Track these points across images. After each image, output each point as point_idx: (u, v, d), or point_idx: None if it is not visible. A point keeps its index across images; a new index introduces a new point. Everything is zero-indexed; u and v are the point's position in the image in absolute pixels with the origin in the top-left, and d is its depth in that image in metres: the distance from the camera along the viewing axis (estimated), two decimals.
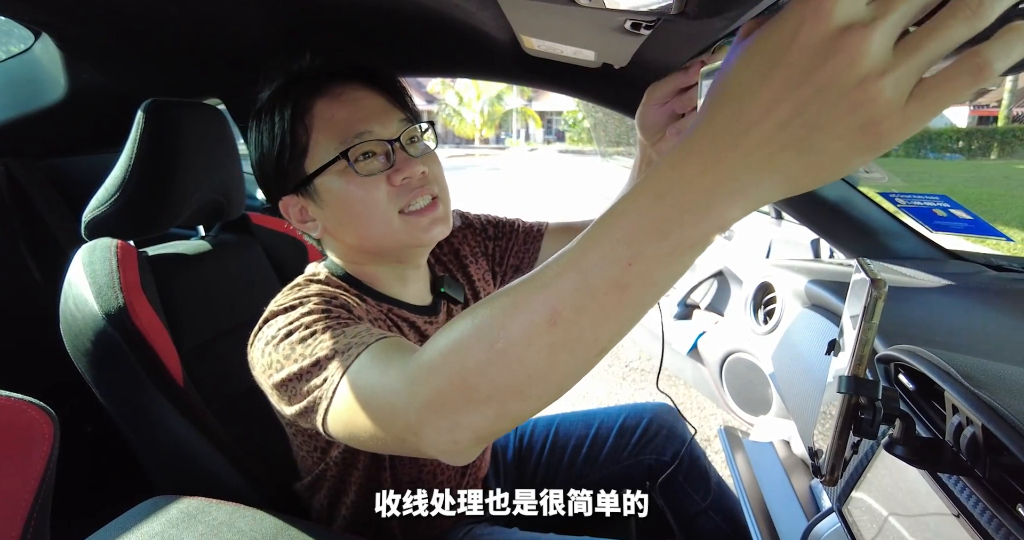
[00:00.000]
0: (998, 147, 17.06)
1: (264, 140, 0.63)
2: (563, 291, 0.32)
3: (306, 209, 0.64)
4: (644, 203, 0.29)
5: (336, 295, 0.59)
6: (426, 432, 0.39)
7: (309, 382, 0.50)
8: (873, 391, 0.46)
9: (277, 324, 0.55)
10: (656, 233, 0.28)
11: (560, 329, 0.32)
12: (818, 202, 1.11)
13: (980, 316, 0.79)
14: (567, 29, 0.81)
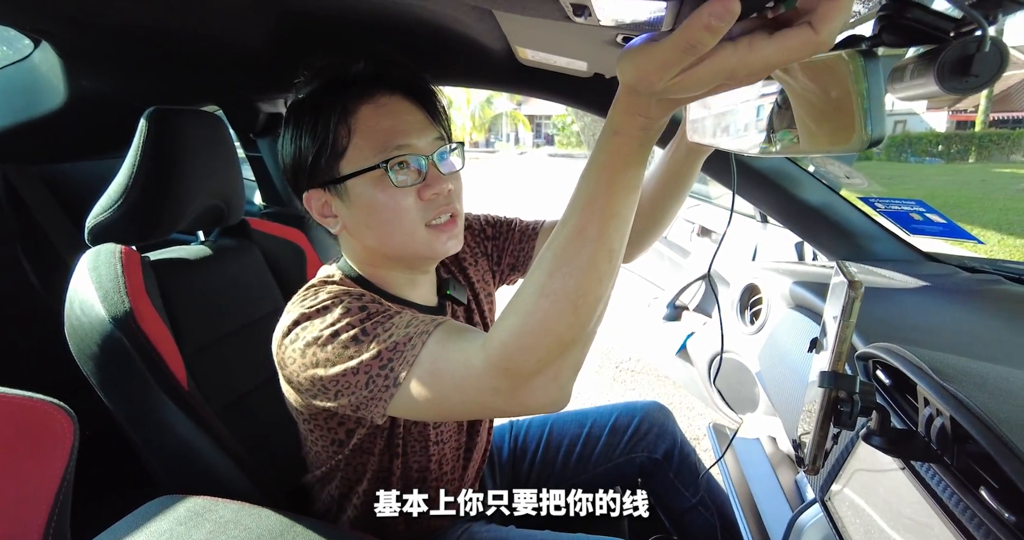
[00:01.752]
0: (976, 151, 17.45)
1: (303, 135, 0.64)
2: (592, 210, 0.44)
3: (330, 204, 0.66)
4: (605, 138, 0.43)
5: (362, 293, 0.63)
6: (529, 392, 0.49)
7: (369, 374, 0.54)
8: (851, 385, 0.50)
9: (317, 325, 0.58)
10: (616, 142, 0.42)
11: (615, 258, 0.46)
12: (801, 206, 1.15)
13: (953, 315, 0.84)
14: (560, 42, 0.84)
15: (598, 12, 0.57)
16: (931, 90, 0.47)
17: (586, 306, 0.46)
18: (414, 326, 0.56)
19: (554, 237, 0.47)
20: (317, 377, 0.57)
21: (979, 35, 0.44)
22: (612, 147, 0.42)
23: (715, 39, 0.31)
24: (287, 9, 0.88)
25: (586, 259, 0.45)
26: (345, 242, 0.71)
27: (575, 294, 0.45)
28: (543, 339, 0.47)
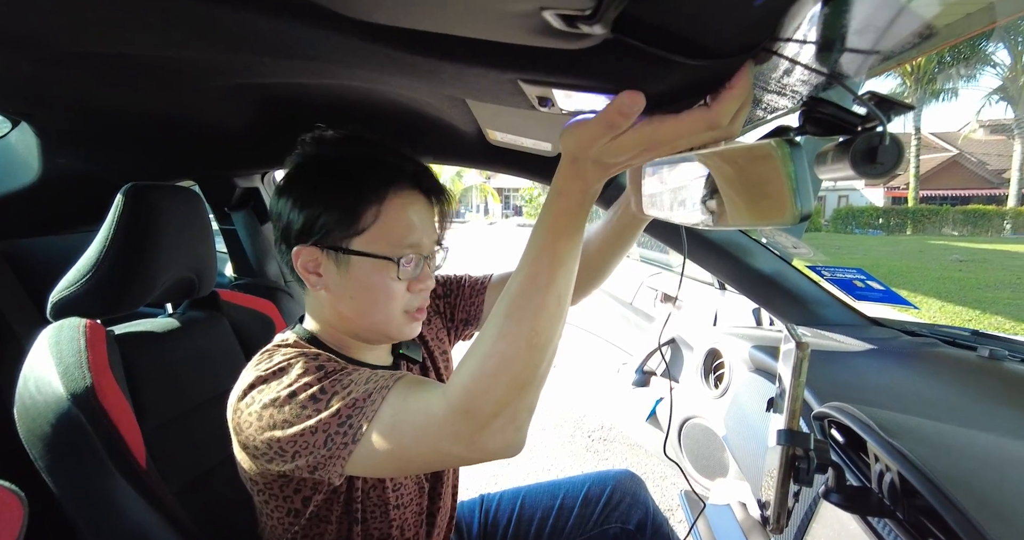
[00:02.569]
0: (912, 224, 18.83)
1: (326, 198, 0.65)
2: (542, 261, 0.50)
3: (320, 264, 0.67)
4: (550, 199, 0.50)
5: (317, 353, 0.64)
6: (489, 435, 0.51)
7: (328, 432, 0.55)
8: (806, 442, 0.52)
9: (274, 387, 0.59)
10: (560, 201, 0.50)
11: (564, 304, 0.51)
12: (755, 274, 1.23)
13: (897, 376, 0.89)
14: (527, 126, 0.92)
15: (560, 103, 0.64)
16: (848, 173, 0.54)
17: (539, 346, 0.50)
18: (373, 382, 0.57)
19: (509, 286, 0.52)
20: (274, 439, 0.57)
21: (881, 130, 0.52)
22: (557, 207, 0.49)
23: (628, 121, 0.41)
24: (269, 93, 0.94)
25: (538, 303, 0.50)
26: (318, 300, 0.70)
27: (529, 335, 0.50)
28: (502, 378, 0.50)
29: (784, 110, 0.69)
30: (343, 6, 0.36)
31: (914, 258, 10.56)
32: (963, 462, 0.49)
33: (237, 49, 0.62)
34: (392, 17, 0.37)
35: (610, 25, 0.35)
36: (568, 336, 2.81)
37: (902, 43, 0.59)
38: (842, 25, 0.49)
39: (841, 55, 0.58)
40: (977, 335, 1.09)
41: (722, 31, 0.38)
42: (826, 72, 0.56)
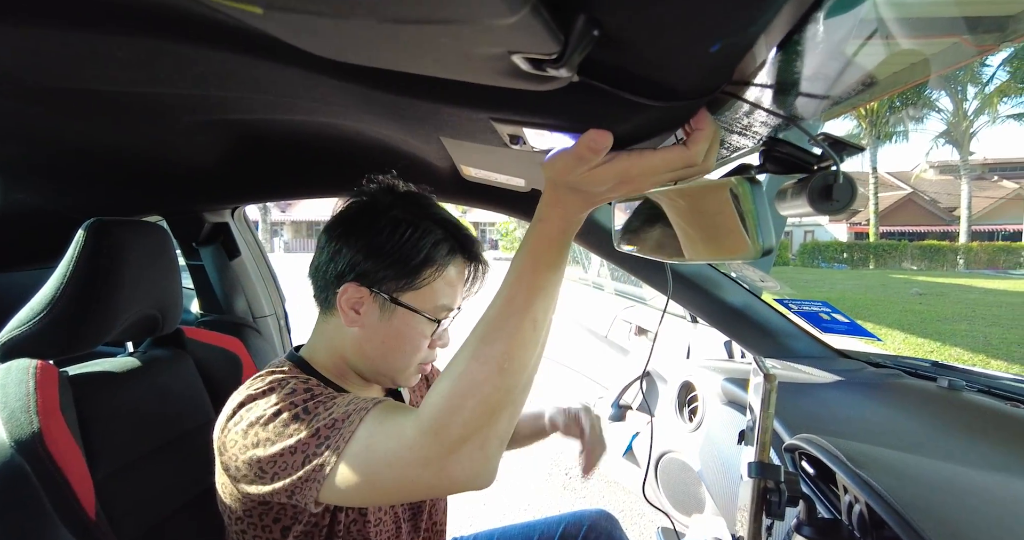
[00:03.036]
0: (874, 258, 19.57)
1: (400, 251, 0.70)
2: (520, 284, 0.51)
3: (362, 304, 0.71)
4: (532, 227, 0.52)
5: (308, 378, 0.65)
6: (457, 461, 0.50)
7: (306, 453, 0.54)
8: (776, 474, 0.53)
9: (261, 405, 0.60)
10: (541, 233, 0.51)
11: (539, 328, 0.51)
12: (725, 308, 1.25)
13: (863, 407, 0.91)
14: (501, 162, 0.94)
15: (531, 141, 0.66)
16: (806, 210, 0.57)
17: (511, 370, 0.50)
18: (354, 405, 0.58)
19: (487, 308, 0.53)
20: (255, 459, 0.57)
21: (835, 169, 0.54)
22: (537, 231, 0.51)
23: (597, 156, 0.44)
24: (242, 129, 0.94)
25: (513, 325, 0.50)
26: (340, 333, 0.73)
27: (502, 357, 0.50)
28: (471, 400, 0.50)
29: (745, 149, 0.73)
30: (314, 46, 0.37)
31: (877, 291, 10.93)
32: (927, 492, 0.50)
33: (208, 87, 0.62)
34: (364, 58, 0.38)
35: (576, 68, 0.37)
36: (544, 371, 2.79)
37: (851, 89, 0.63)
38: (795, 71, 0.52)
39: (796, 99, 0.61)
40: (937, 366, 1.12)
41: (682, 75, 0.40)
42: (783, 114, 0.59)
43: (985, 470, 0.59)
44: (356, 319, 0.71)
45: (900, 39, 0.58)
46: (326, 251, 0.72)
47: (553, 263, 0.51)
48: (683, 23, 0.28)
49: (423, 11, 0.24)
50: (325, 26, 0.29)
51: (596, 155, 0.44)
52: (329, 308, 0.73)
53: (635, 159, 0.44)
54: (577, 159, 0.44)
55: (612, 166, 0.45)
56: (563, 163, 0.46)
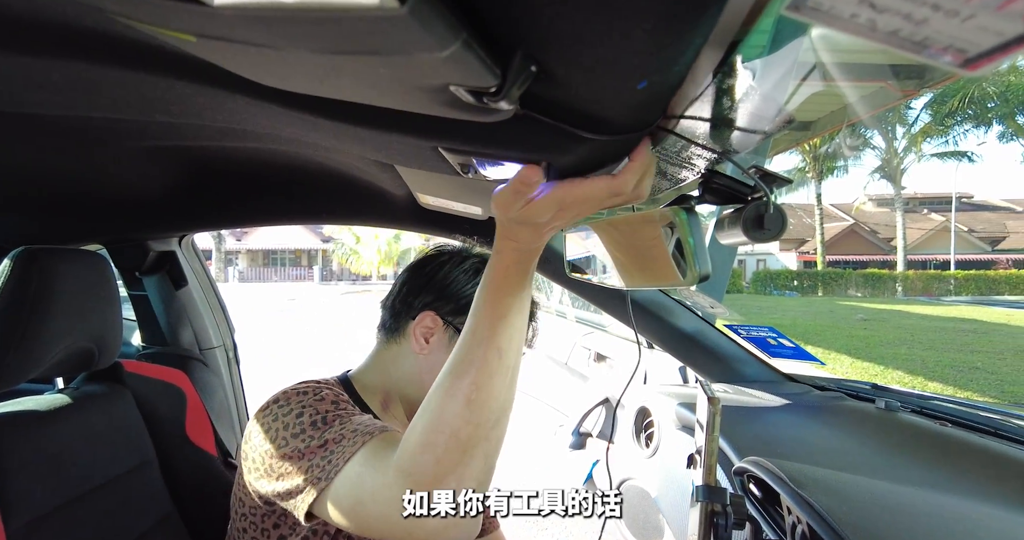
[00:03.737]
0: (822, 286, 20.51)
1: (472, 288, 0.77)
2: (482, 314, 0.51)
3: (434, 333, 0.76)
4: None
5: (340, 393, 0.67)
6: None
7: (311, 461, 0.56)
8: (722, 498, 0.53)
9: (293, 403, 0.63)
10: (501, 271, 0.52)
11: (505, 356, 0.51)
12: (677, 333, 1.28)
13: (808, 429, 0.94)
14: (456, 190, 0.95)
15: (481, 170, 0.67)
16: (741, 239, 0.60)
17: (479, 401, 0.50)
18: (364, 425, 0.59)
19: (456, 343, 0.54)
20: (269, 453, 0.59)
21: (767, 200, 0.58)
22: (494, 263, 0.52)
23: (530, 189, 0.47)
24: (189, 156, 0.92)
25: (479, 356, 0.51)
26: (400, 359, 0.78)
27: (469, 389, 0.50)
28: (441, 436, 0.49)
29: (686, 181, 0.76)
30: (257, 74, 0.37)
31: (826, 318, 11.40)
32: (863, 510, 0.52)
33: (153, 113, 0.61)
34: (307, 87, 0.39)
35: (516, 101, 0.38)
36: None
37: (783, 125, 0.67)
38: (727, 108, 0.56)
39: (730, 133, 0.65)
40: (876, 388, 1.18)
41: (616, 110, 0.42)
42: (716, 149, 0.62)
43: (915, 487, 0.62)
44: (425, 347, 0.75)
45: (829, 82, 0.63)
46: (407, 285, 0.80)
47: (513, 292, 0.52)
48: (610, 62, 0.30)
49: (354, 44, 0.25)
50: (263, 56, 0.29)
51: (530, 188, 0.47)
52: (395, 336, 0.78)
53: (568, 188, 0.47)
54: (514, 194, 0.47)
55: (548, 197, 0.47)
56: (503, 198, 0.48)
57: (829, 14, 0.21)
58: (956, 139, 19.92)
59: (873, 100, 0.62)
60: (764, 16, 0.24)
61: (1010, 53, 0.20)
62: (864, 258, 24.79)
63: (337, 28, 0.22)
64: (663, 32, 0.25)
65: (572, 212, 0.48)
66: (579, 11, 0.24)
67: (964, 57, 0.21)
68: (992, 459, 0.78)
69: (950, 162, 21.03)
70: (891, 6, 0.19)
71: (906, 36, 0.21)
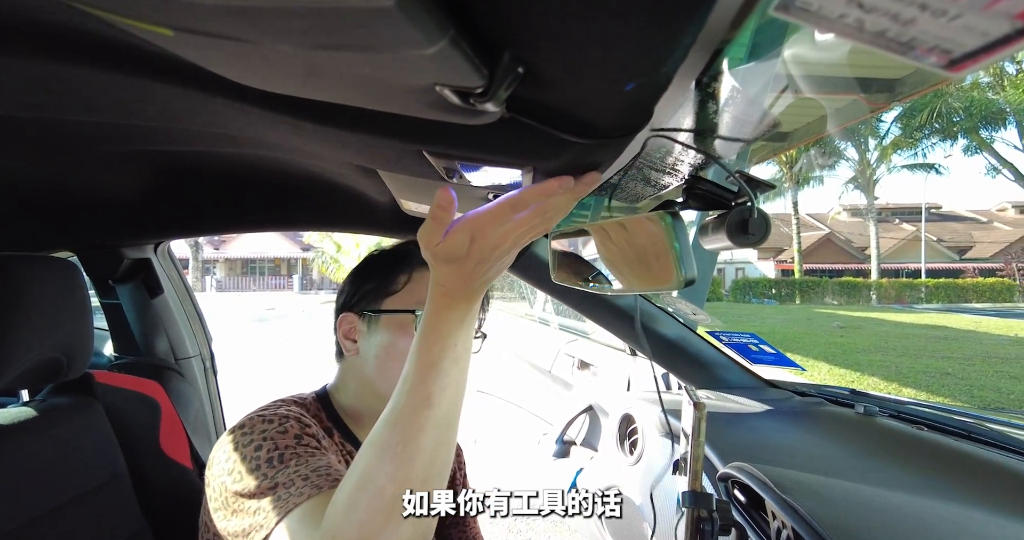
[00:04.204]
0: (800, 294, 20.90)
1: (372, 267, 0.77)
2: (416, 367, 0.47)
3: (356, 330, 0.74)
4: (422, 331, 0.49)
5: (310, 425, 0.64)
6: None
7: (259, 503, 0.52)
8: (708, 503, 0.53)
9: (255, 431, 0.60)
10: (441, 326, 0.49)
11: (435, 407, 0.47)
12: (660, 340, 1.28)
13: (790, 435, 0.94)
14: None
15: (467, 175, 0.67)
16: (726, 244, 0.60)
17: (405, 457, 0.45)
18: (317, 474, 0.54)
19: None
20: (226, 487, 0.56)
21: (751, 205, 0.58)
22: (427, 307, 0.50)
23: (447, 214, 0.46)
24: (166, 161, 0.90)
25: (407, 406, 0.47)
26: (349, 367, 0.75)
27: (393, 442, 0.45)
28: (365, 494, 0.44)
29: (669, 187, 0.77)
30: (237, 74, 0.36)
31: (804, 325, 11.60)
32: (847, 513, 0.52)
33: (128, 116, 0.59)
34: (289, 87, 0.38)
35: (503, 103, 0.38)
36: (487, 408, 2.74)
37: (765, 132, 0.68)
38: (712, 114, 0.56)
39: (715, 139, 0.66)
40: (854, 394, 1.20)
41: (604, 113, 0.42)
42: (703, 151, 0.63)
43: (894, 490, 0.62)
44: (353, 347, 0.74)
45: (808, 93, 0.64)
46: (338, 300, 0.79)
47: (444, 340, 0.48)
48: (598, 63, 0.30)
49: (339, 39, 0.24)
50: (243, 52, 0.28)
51: (445, 213, 0.45)
52: (340, 351, 0.76)
53: (473, 213, 0.46)
54: (433, 220, 0.45)
55: (457, 225, 0.45)
56: (424, 229, 0.46)
57: (817, 14, 0.21)
58: (925, 151, 20.62)
59: (846, 113, 0.64)
60: (752, 17, 0.24)
61: (993, 54, 0.20)
62: (840, 267, 25.34)
63: (321, 21, 0.22)
64: (652, 31, 0.25)
65: (488, 243, 0.45)
66: (568, 9, 0.24)
67: (949, 58, 0.21)
68: (965, 461, 0.79)
69: (919, 174, 21.73)
70: (879, 6, 0.19)
71: (893, 37, 0.21)
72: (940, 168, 21.44)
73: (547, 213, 0.46)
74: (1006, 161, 20.04)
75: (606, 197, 1.04)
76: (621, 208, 0.99)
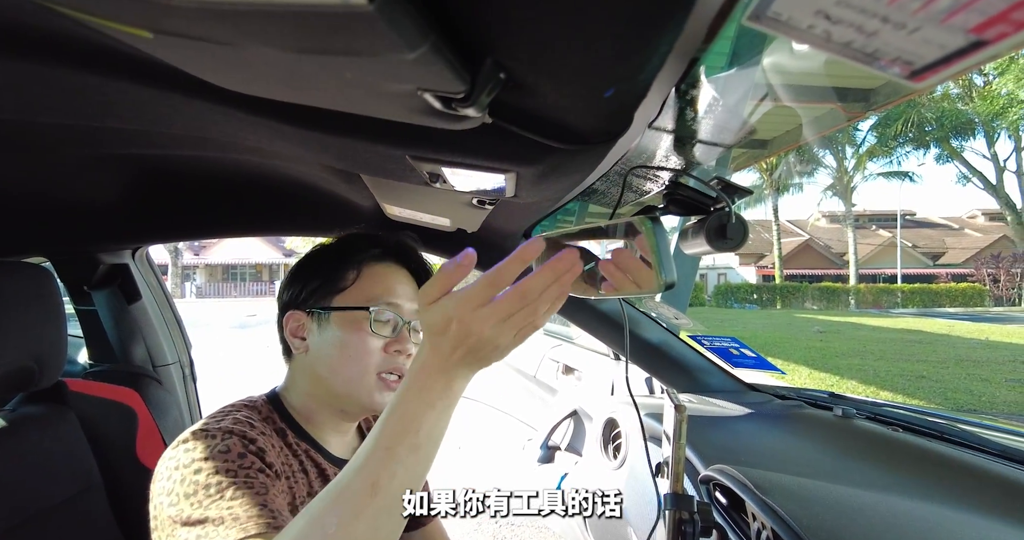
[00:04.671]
0: (780, 299, 21.22)
1: (316, 264, 0.73)
2: (377, 460, 0.43)
3: (304, 328, 0.71)
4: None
5: (255, 439, 0.59)
6: None
7: (188, 535, 0.50)
8: (690, 505, 0.54)
9: (197, 448, 0.56)
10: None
11: (380, 494, 0.42)
12: (643, 344, 1.29)
13: (770, 437, 0.96)
14: (424, 201, 0.94)
15: (451, 179, 0.67)
16: (705, 248, 0.61)
17: (336, 538, 0.42)
18: (249, 514, 0.51)
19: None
20: (162, 507, 0.54)
21: (728, 210, 0.59)
22: (402, 383, 0.46)
23: (459, 276, 0.44)
24: (145, 164, 0.88)
25: (349, 487, 0.43)
26: (299, 366, 0.72)
27: (329, 521, 0.42)
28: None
29: (650, 193, 0.78)
30: (218, 77, 0.36)
31: (784, 330, 11.78)
32: (825, 514, 0.53)
33: (104, 118, 0.58)
34: (272, 91, 0.38)
35: (485, 109, 0.38)
36: (472, 414, 2.73)
37: (742, 139, 0.70)
38: (690, 121, 0.57)
39: (693, 146, 0.67)
40: (833, 397, 1.22)
41: (584, 119, 0.43)
42: (681, 160, 0.64)
43: (871, 491, 0.64)
44: (302, 345, 0.71)
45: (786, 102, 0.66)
46: (280, 297, 0.75)
47: (407, 417, 0.44)
48: (578, 69, 0.31)
49: (322, 42, 0.24)
50: (225, 55, 0.28)
51: (457, 273, 0.43)
52: (287, 349, 0.73)
53: (453, 294, 0.43)
54: (441, 275, 0.43)
55: (443, 300, 0.43)
56: (426, 285, 0.44)
57: (787, 24, 0.22)
58: (899, 160, 21.19)
59: (823, 122, 0.66)
60: (727, 26, 0.25)
61: (952, 66, 0.21)
62: (819, 272, 25.80)
63: (303, 25, 0.22)
64: (631, 37, 0.25)
65: (464, 327, 0.42)
66: (549, 15, 0.25)
67: (911, 69, 0.22)
68: (938, 462, 0.81)
69: (895, 181, 22.29)
70: (845, 18, 0.20)
71: (859, 48, 0.21)
72: (914, 176, 22.05)
73: (526, 296, 0.42)
74: (975, 170, 20.66)
75: (589, 202, 1.05)
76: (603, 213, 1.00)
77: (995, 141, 20.09)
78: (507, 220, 1.01)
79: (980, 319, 15.04)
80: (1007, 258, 20.87)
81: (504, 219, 1.00)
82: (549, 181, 0.60)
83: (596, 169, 0.55)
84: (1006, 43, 0.18)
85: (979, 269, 22.07)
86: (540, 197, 0.74)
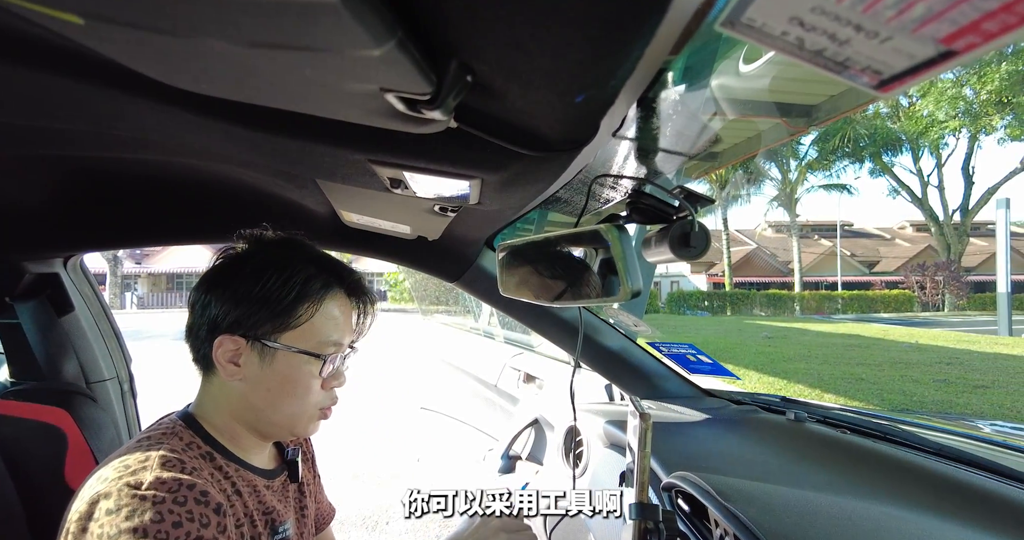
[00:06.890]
0: (730, 306, 22.00)
1: (267, 291, 0.65)
2: None
3: (240, 354, 0.65)
4: None
5: (185, 497, 0.53)
6: None
7: None
8: (655, 514, 0.54)
9: (122, 510, 0.50)
10: None
11: None
12: (602, 351, 1.30)
13: (728, 442, 0.98)
14: (383, 208, 0.92)
15: (412, 185, 0.65)
16: (668, 256, 0.62)
17: None
18: None
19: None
20: None
21: (691, 219, 0.60)
22: None
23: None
24: (79, 166, 0.82)
25: None
26: (226, 389, 0.67)
27: None
28: None
29: (613, 201, 0.78)
30: (165, 73, 0.34)
31: (735, 336, 12.19)
32: (784, 519, 0.54)
33: (35, 116, 0.54)
34: (223, 89, 0.36)
35: (451, 112, 0.37)
36: (431, 425, 2.68)
37: (702, 151, 0.71)
38: (654, 131, 0.58)
39: (656, 155, 0.67)
40: (785, 401, 1.26)
41: (552, 126, 0.42)
42: (645, 169, 0.64)
43: (826, 493, 0.66)
44: (236, 372, 0.66)
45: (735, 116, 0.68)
46: (196, 308, 0.68)
47: None
48: (548, 73, 0.30)
49: (280, 35, 0.23)
50: (168, 47, 0.26)
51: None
52: (209, 368, 0.67)
53: None
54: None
55: None
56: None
57: (761, 31, 0.21)
58: (838, 173, 22.50)
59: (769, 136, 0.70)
60: (699, 32, 0.25)
61: (918, 77, 0.21)
62: (766, 280, 26.91)
63: (259, 14, 0.20)
64: (604, 40, 0.25)
65: None
66: (520, 15, 0.24)
67: (879, 79, 0.22)
68: (882, 462, 0.84)
69: (834, 193, 23.61)
70: (819, 25, 0.20)
71: (830, 56, 0.22)
72: (851, 189, 23.42)
73: None
74: (903, 184, 22.16)
75: (552, 210, 1.05)
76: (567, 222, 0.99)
77: (919, 157, 21.62)
78: (469, 228, 1.00)
79: (910, 323, 16.05)
80: (931, 267, 22.42)
81: (466, 227, 0.98)
82: (514, 188, 0.59)
83: (561, 177, 0.55)
84: (972, 54, 0.18)
85: (908, 277, 23.59)
86: (504, 205, 0.73)
